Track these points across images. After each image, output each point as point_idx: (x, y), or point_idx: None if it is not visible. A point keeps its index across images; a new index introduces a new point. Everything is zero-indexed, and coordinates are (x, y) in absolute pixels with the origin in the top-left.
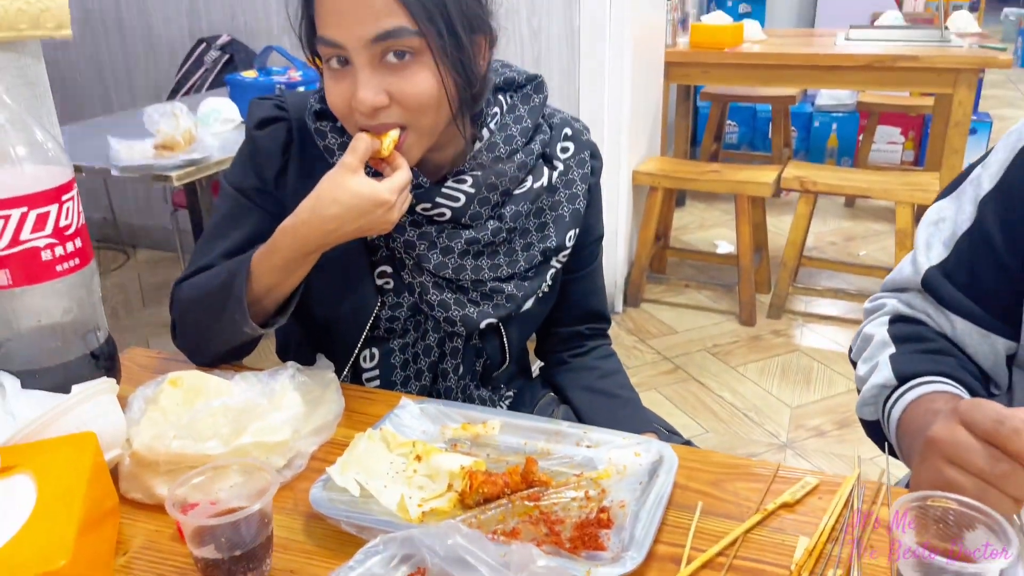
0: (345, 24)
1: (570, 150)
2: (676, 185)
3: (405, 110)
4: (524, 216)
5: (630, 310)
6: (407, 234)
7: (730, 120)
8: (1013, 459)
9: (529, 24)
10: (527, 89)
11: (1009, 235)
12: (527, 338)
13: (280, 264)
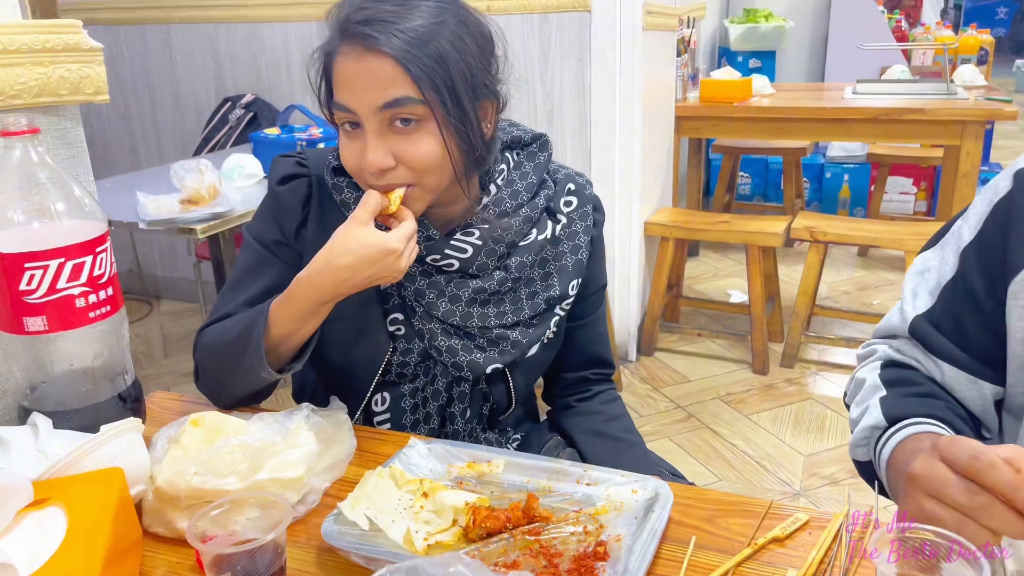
0: (356, 92)
1: (573, 204)
2: (687, 235)
3: (411, 171)
4: (529, 266)
5: (643, 359)
6: (417, 283)
7: (743, 172)
8: (989, 492)
9: (542, 81)
10: (533, 147)
11: (989, 285)
12: (533, 383)
13: (296, 313)
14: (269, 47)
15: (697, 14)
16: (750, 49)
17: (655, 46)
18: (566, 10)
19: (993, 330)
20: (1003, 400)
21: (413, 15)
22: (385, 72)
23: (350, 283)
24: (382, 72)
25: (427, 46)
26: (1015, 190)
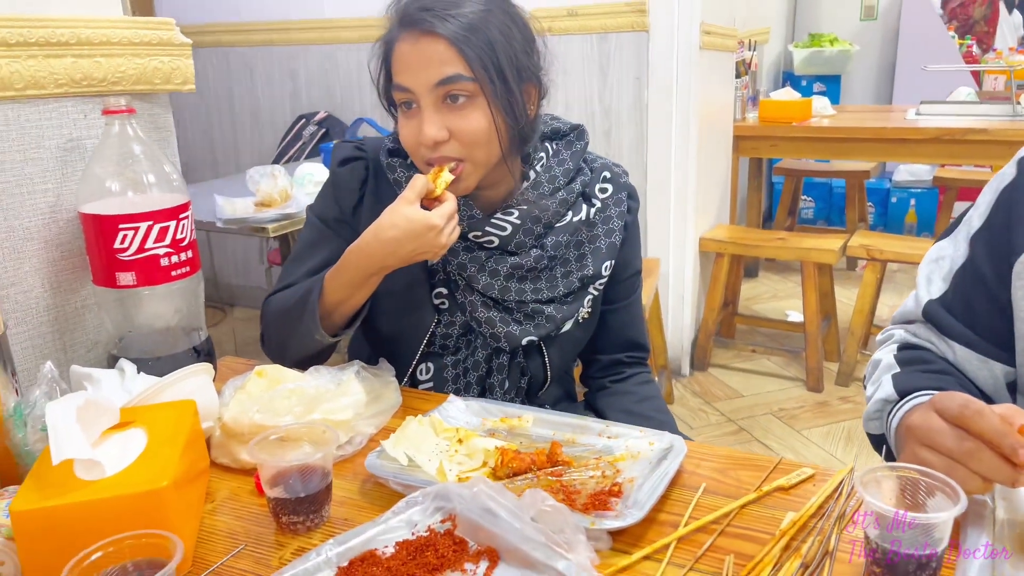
0: (413, 72)
1: (609, 191)
2: (742, 251)
3: (462, 144)
4: (564, 246)
5: (697, 373)
6: (460, 257)
7: (805, 196)
8: (977, 438)
9: (601, 100)
10: (570, 136)
11: (996, 267)
12: (569, 361)
13: (347, 282)
14: (343, 67)
15: (759, 38)
16: (814, 73)
17: (713, 66)
18: (625, 30)
19: (1002, 311)
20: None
21: (464, 4)
22: (440, 52)
23: (396, 255)
24: (437, 52)
25: (477, 30)
26: (1019, 176)
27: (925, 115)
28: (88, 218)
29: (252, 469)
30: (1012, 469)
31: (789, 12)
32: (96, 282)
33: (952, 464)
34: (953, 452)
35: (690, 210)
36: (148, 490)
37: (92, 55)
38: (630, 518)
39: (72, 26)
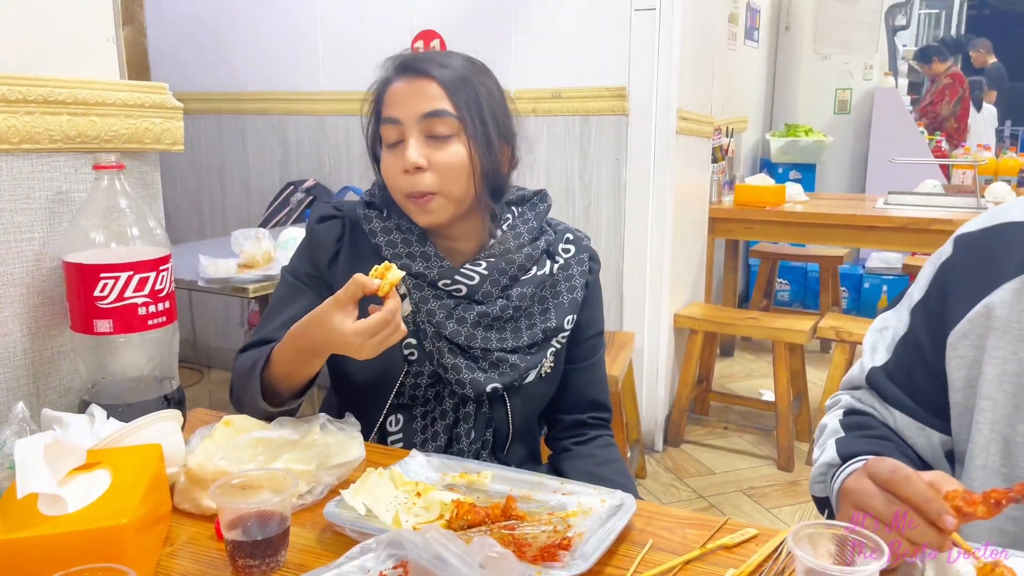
0: (404, 105)
1: (571, 251)
2: (715, 329)
3: (439, 176)
4: (529, 298)
5: (670, 449)
6: (430, 304)
7: (781, 278)
8: (904, 502)
9: (581, 178)
10: (534, 200)
11: (933, 339)
12: (533, 415)
13: (290, 357)
14: (332, 137)
15: (737, 126)
16: (790, 161)
17: (689, 150)
18: (606, 113)
19: (939, 381)
20: (953, 450)
21: (454, 60)
22: (430, 90)
23: (324, 352)
24: (428, 90)
25: (465, 80)
26: (955, 253)
27: (893, 205)
28: (71, 266)
29: (213, 515)
30: (938, 534)
31: (767, 103)
32: (74, 328)
33: (882, 528)
34: (883, 515)
35: (665, 287)
36: (107, 527)
37: (87, 114)
38: (575, 569)
39: (70, 87)
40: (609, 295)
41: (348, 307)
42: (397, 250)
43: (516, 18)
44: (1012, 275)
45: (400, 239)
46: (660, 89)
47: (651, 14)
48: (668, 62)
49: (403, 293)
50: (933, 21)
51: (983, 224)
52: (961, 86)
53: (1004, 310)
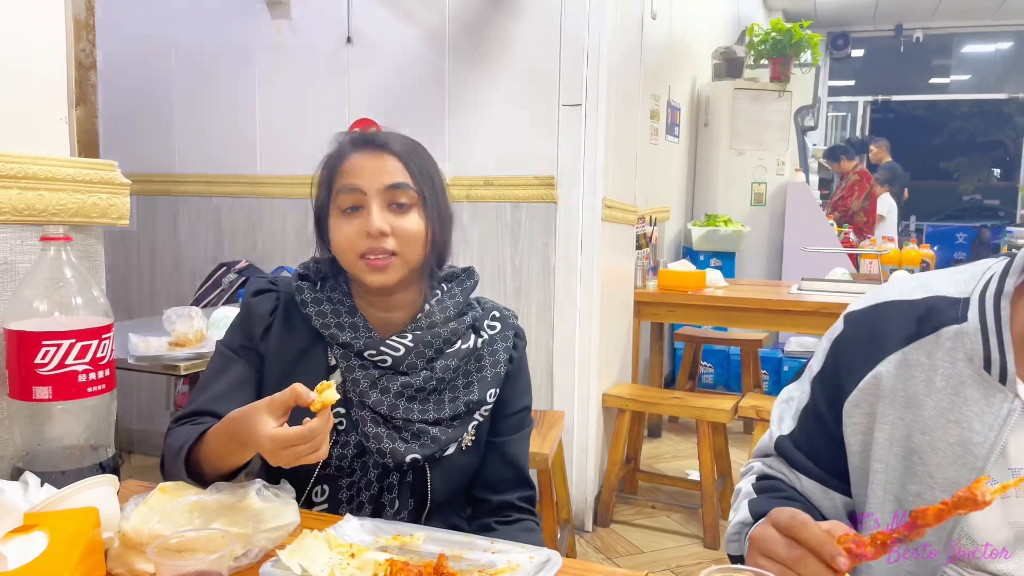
0: (368, 176)
1: (497, 328)
2: (642, 408)
3: (400, 241)
4: (452, 371)
5: (600, 529)
6: (355, 374)
7: (705, 361)
8: (802, 545)
9: (512, 262)
10: (462, 276)
11: (831, 407)
12: (455, 489)
13: (221, 441)
14: (268, 220)
15: (660, 215)
16: (711, 249)
17: (614, 237)
18: (535, 200)
19: (838, 447)
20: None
21: (406, 139)
22: (392, 165)
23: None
24: (389, 164)
25: (419, 156)
26: (845, 329)
27: (806, 291)
28: (12, 334)
29: None
30: (833, 574)
31: (688, 194)
32: (11, 395)
33: (783, 570)
34: (783, 559)
35: (594, 367)
36: None
37: (36, 188)
38: None
39: (22, 162)
40: (539, 375)
41: (278, 411)
42: (326, 320)
43: (450, 109)
44: (895, 348)
45: (330, 310)
46: (586, 179)
47: (577, 109)
48: (593, 154)
49: (332, 364)
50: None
51: (868, 303)
52: (868, 182)
53: (890, 380)
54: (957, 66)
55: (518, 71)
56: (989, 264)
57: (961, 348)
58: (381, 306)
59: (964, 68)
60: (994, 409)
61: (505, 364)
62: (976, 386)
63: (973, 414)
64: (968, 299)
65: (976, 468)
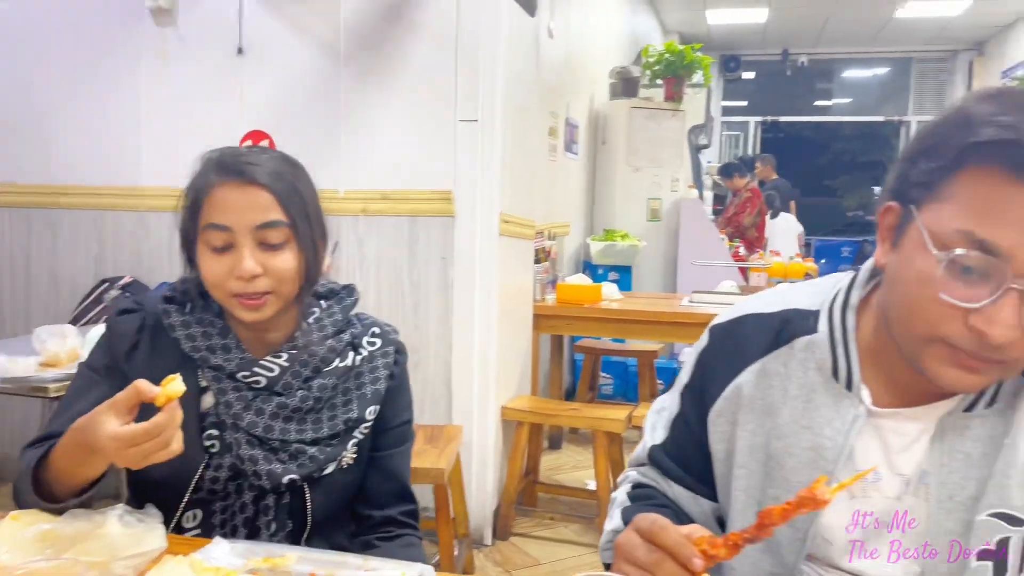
0: (237, 214)
1: (377, 344)
2: (540, 420)
3: (273, 280)
4: (331, 389)
5: (499, 543)
6: (228, 396)
7: (604, 373)
8: (661, 549)
9: (410, 276)
10: (342, 294)
11: (698, 416)
12: (336, 508)
13: (68, 452)
14: (154, 233)
15: (559, 230)
16: (609, 263)
17: (512, 251)
18: (432, 215)
19: (706, 455)
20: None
21: (278, 163)
22: (262, 200)
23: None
24: (259, 199)
25: (292, 187)
26: (710, 342)
27: (696, 303)
28: None
29: None
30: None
31: (587, 209)
32: None
33: (644, 574)
34: (644, 563)
35: (492, 380)
36: None
37: None
38: None
39: None
40: (437, 389)
41: (122, 410)
42: (196, 343)
43: (347, 122)
44: (754, 358)
45: (200, 333)
46: (483, 194)
47: (474, 125)
48: (490, 169)
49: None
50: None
51: (731, 316)
52: (759, 199)
53: (749, 389)
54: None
55: (415, 86)
56: (839, 278)
57: (812, 358)
58: (256, 326)
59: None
60: (842, 415)
61: (386, 380)
62: (826, 393)
63: (824, 420)
64: (819, 311)
65: (827, 471)
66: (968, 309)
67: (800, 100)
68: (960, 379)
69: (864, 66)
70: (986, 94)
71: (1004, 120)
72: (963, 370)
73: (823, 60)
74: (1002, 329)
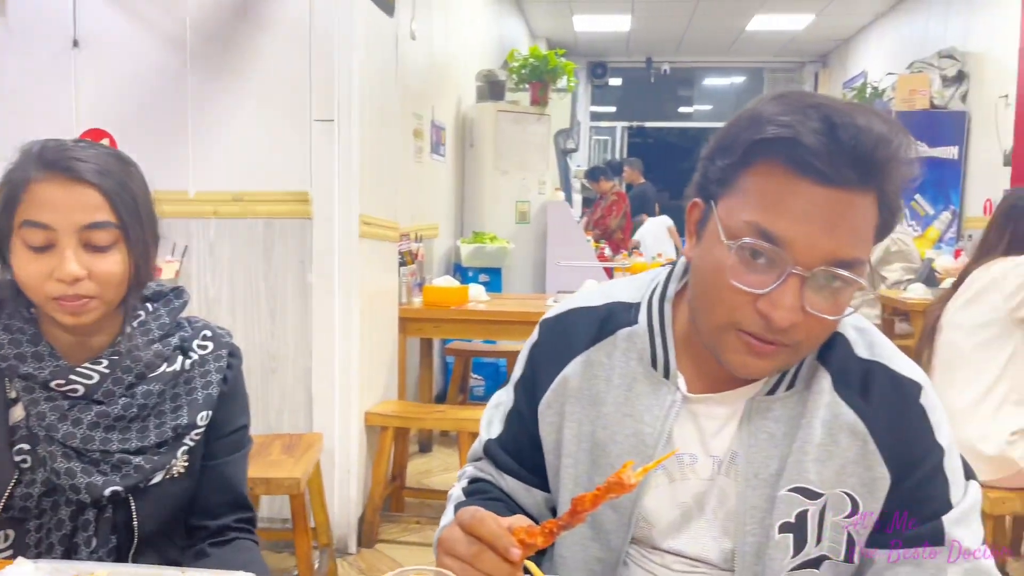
0: (61, 213)
1: (208, 348)
2: (405, 424)
3: (98, 284)
4: (157, 395)
5: (364, 551)
6: (40, 407)
7: (476, 375)
8: (480, 541)
9: (266, 280)
10: (169, 296)
11: (531, 410)
12: (166, 520)
13: None
14: None
15: (426, 232)
16: (479, 265)
17: (375, 254)
18: (289, 217)
19: (538, 446)
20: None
21: (107, 160)
22: (90, 199)
23: None
24: (87, 198)
25: (124, 185)
26: (540, 336)
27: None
28: None
29: None
30: (509, 567)
31: (457, 212)
32: None
33: (465, 567)
34: (464, 555)
35: (355, 386)
36: None
37: None
38: None
39: None
40: (297, 397)
41: None
42: (4, 351)
43: (195, 120)
44: (580, 350)
45: (8, 339)
46: (341, 195)
47: (330, 124)
48: (348, 170)
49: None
50: (601, 146)
51: (560, 311)
52: (624, 202)
53: (576, 380)
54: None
55: (268, 84)
56: (660, 272)
57: (634, 348)
58: (76, 330)
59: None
60: (660, 401)
61: (219, 385)
62: (646, 381)
63: (644, 407)
64: (640, 304)
65: (648, 456)
66: (756, 295)
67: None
68: (749, 364)
69: (722, 75)
70: (773, 96)
71: (784, 119)
72: (753, 356)
73: (684, 68)
74: (784, 312)
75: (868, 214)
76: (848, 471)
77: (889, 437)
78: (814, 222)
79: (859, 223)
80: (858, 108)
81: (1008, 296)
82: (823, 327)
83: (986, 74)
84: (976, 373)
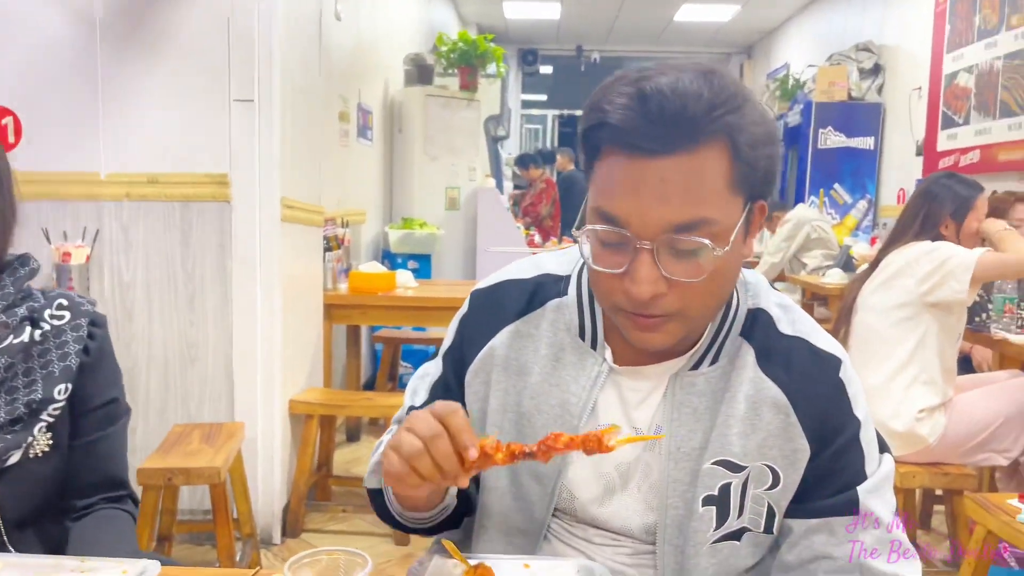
0: None
1: (65, 317)
2: (330, 412)
3: None
4: (4, 369)
5: (289, 541)
6: None
7: (405, 362)
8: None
9: (184, 266)
10: (15, 265)
11: (458, 381)
12: (36, 503)
13: None
14: None
15: (353, 217)
16: (408, 251)
17: (297, 239)
18: (207, 199)
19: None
20: None
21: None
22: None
23: None
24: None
25: None
26: (470, 307)
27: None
28: None
29: None
30: (458, 466)
31: (386, 198)
32: None
33: (418, 449)
34: (422, 433)
35: (277, 374)
36: None
37: None
38: None
39: None
40: (217, 385)
41: None
42: None
43: (104, 100)
44: (509, 321)
45: None
46: (262, 178)
47: (250, 105)
48: (269, 152)
49: None
50: (533, 134)
51: (490, 283)
52: (553, 189)
53: (503, 350)
54: None
55: (184, 63)
56: None
57: (562, 319)
58: None
59: None
60: (587, 372)
61: (78, 356)
62: (573, 352)
63: (570, 377)
64: (570, 276)
65: (573, 426)
66: (619, 275)
67: None
68: (645, 339)
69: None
70: (605, 82)
71: (602, 105)
72: (643, 331)
73: (614, 57)
74: (644, 286)
75: (709, 171)
76: (770, 444)
77: (809, 409)
78: (642, 195)
79: (693, 184)
80: (669, 70)
81: (920, 280)
82: (696, 291)
83: (900, 67)
84: (889, 353)
